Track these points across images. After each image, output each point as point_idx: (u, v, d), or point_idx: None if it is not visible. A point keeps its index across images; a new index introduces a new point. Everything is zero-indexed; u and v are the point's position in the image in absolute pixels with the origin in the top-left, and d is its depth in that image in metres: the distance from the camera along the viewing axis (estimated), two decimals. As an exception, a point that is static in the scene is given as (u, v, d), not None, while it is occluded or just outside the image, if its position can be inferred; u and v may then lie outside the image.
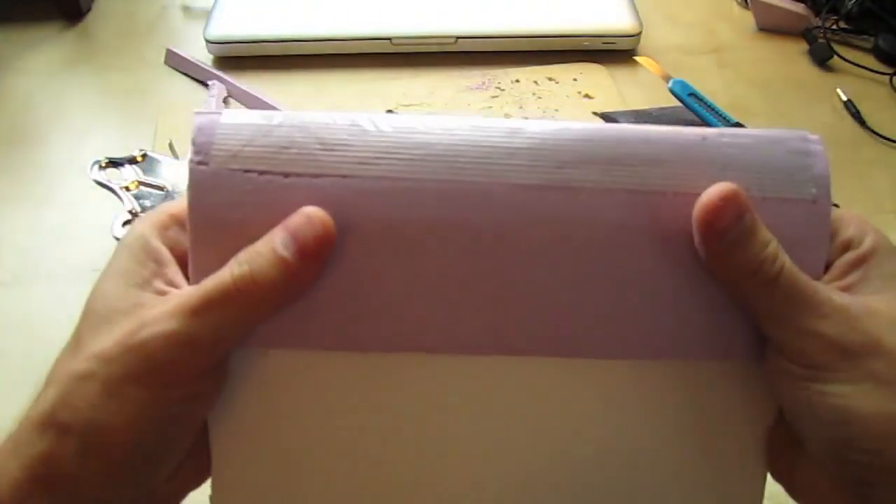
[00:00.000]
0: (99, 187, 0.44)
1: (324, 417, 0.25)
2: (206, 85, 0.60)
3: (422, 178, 0.23)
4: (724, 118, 0.47)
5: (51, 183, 0.53)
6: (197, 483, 0.27)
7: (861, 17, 0.67)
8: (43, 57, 0.65)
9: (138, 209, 0.43)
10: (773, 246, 0.23)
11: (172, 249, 0.25)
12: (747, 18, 0.70)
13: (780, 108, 0.59)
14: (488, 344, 0.24)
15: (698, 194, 0.23)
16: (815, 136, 0.25)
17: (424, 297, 0.24)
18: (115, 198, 0.44)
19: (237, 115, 0.24)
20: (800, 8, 0.67)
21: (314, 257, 0.23)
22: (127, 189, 0.44)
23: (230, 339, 0.23)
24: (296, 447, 0.25)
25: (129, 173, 0.45)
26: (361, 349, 0.24)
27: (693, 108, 0.48)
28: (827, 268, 0.25)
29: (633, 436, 0.26)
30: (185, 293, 0.23)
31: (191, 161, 0.23)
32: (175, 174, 0.47)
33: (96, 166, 0.45)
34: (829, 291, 0.23)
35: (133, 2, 0.72)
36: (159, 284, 0.24)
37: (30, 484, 0.22)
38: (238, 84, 0.59)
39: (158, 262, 0.24)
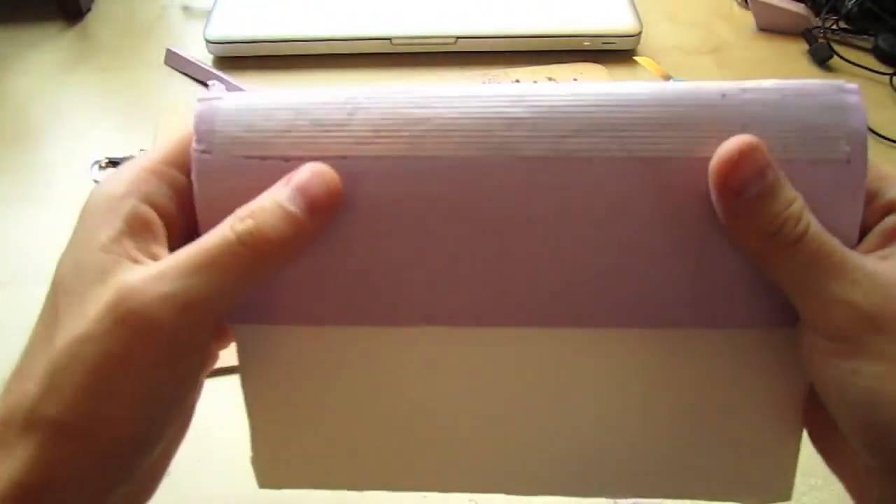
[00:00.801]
0: (99, 187, 0.44)
1: (341, 386, 0.26)
2: (206, 85, 0.60)
3: (421, 154, 0.23)
4: (724, 118, 0.47)
5: (51, 183, 0.53)
6: (177, 446, 0.25)
7: (861, 17, 0.66)
8: (43, 57, 0.65)
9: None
10: (798, 205, 0.21)
11: (155, 204, 0.22)
12: (747, 18, 0.70)
13: (780, 108, 0.59)
14: (497, 315, 0.24)
15: None
16: (852, 86, 0.22)
17: (431, 272, 0.24)
18: (115, 198, 0.44)
19: (237, 100, 0.24)
20: (800, 8, 0.67)
21: (323, 211, 0.22)
22: (127, 189, 0.44)
23: (233, 299, 0.21)
24: (320, 410, 0.26)
25: (129, 173, 0.45)
26: (369, 323, 0.24)
27: (693, 108, 0.48)
28: (865, 233, 0.22)
29: (655, 403, 0.25)
30: (177, 253, 0.21)
31: (194, 150, 0.23)
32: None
33: (96, 166, 0.45)
34: (861, 257, 0.21)
35: (133, 2, 0.72)
36: (135, 251, 0.21)
37: (14, 501, 0.19)
38: (238, 84, 0.59)
39: (135, 224, 0.22)
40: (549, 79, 0.61)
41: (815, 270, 0.21)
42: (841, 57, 0.63)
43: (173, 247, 0.22)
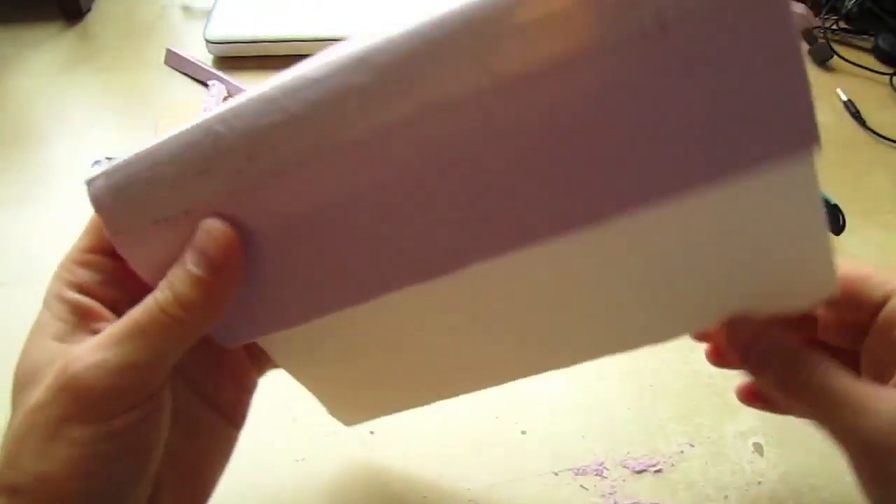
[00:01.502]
0: (99, 187, 0.44)
1: (366, 340, 0.28)
2: (206, 85, 0.60)
3: (309, 160, 0.22)
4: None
5: (51, 183, 0.53)
6: None
7: (861, 17, 0.66)
8: (43, 57, 0.65)
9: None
10: (791, 359, 0.24)
11: (89, 290, 0.25)
12: (747, 18, 0.70)
13: (780, 108, 0.59)
14: (509, 240, 0.23)
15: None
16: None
17: (387, 242, 0.23)
18: (115, 198, 0.44)
19: (119, 169, 0.24)
20: (800, 8, 0.67)
21: (225, 268, 0.23)
22: (127, 189, 0.44)
23: (166, 362, 0.23)
24: (356, 363, 0.29)
25: (129, 173, 0.45)
26: (358, 303, 0.25)
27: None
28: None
29: (684, 272, 0.25)
30: (113, 325, 0.23)
31: (109, 236, 0.24)
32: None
33: (96, 166, 0.45)
34: (866, 387, 0.23)
35: (133, 2, 0.72)
36: (82, 334, 0.24)
37: None
38: (238, 84, 0.59)
39: (77, 312, 0.24)
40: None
41: (823, 409, 0.23)
42: (841, 57, 0.63)
43: (123, 312, 0.24)
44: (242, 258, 0.23)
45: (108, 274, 0.25)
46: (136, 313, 0.23)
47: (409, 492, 0.36)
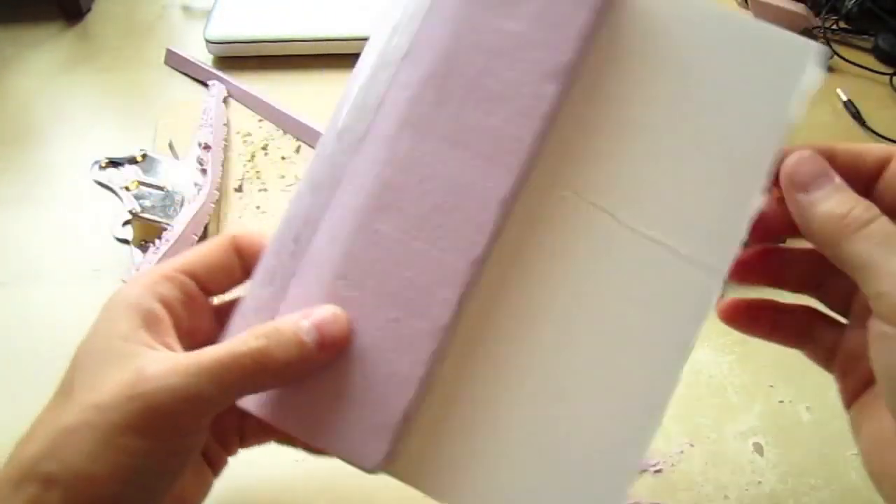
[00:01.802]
0: (99, 187, 0.44)
1: None
2: (206, 85, 0.60)
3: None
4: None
5: (51, 183, 0.53)
6: None
7: (861, 17, 0.66)
8: (43, 57, 0.65)
9: (138, 209, 0.43)
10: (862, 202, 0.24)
11: (167, 304, 0.26)
12: (747, 18, 0.70)
13: (780, 108, 0.59)
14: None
15: None
16: None
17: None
18: (115, 198, 0.44)
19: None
20: (800, 8, 0.67)
21: (331, 349, 0.25)
22: (127, 189, 0.44)
23: (231, 400, 0.25)
24: None
25: (129, 173, 0.45)
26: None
27: (693, 108, 0.48)
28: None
29: None
30: (194, 354, 0.24)
31: None
32: (175, 174, 0.47)
33: (96, 166, 0.45)
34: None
35: (133, 2, 0.72)
36: (148, 339, 0.25)
37: None
38: (238, 84, 0.59)
39: (149, 319, 0.25)
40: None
41: (886, 248, 0.23)
42: (841, 57, 0.63)
43: (179, 336, 0.26)
44: (343, 347, 0.25)
45: (188, 297, 0.27)
46: (223, 352, 0.24)
47: (409, 492, 0.36)
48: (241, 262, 0.28)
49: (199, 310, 0.28)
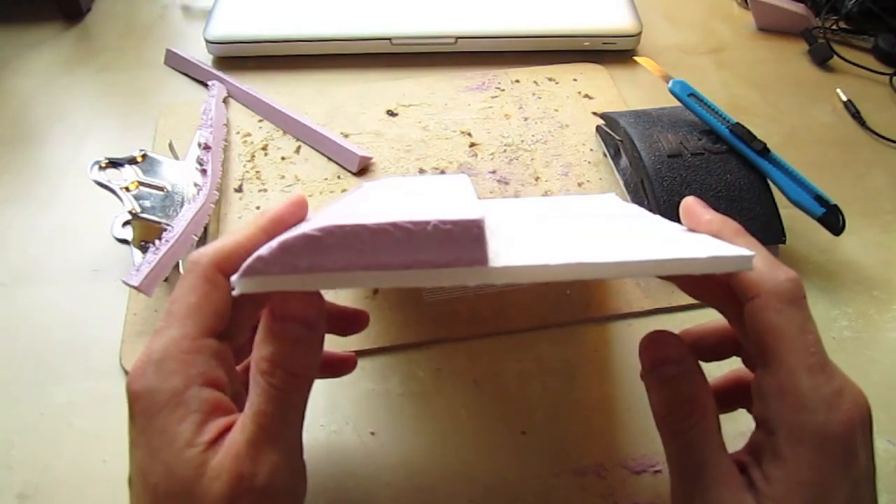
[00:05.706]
0: (99, 187, 0.44)
1: None
2: (206, 85, 0.60)
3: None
4: (724, 118, 0.47)
5: (51, 183, 0.53)
6: None
7: (861, 17, 0.67)
8: (43, 57, 0.65)
9: (138, 209, 0.43)
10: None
11: (214, 381, 0.24)
12: (747, 18, 0.70)
13: (780, 108, 0.59)
14: None
15: None
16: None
17: None
18: (115, 198, 0.44)
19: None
20: (800, 8, 0.67)
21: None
22: (127, 189, 0.44)
23: (302, 417, 0.25)
24: None
25: (129, 173, 0.45)
26: None
27: (693, 108, 0.48)
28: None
29: None
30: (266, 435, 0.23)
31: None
32: (175, 174, 0.47)
33: (96, 166, 0.45)
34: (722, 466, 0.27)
35: (133, 2, 0.72)
36: (208, 432, 0.23)
37: None
38: (238, 84, 0.59)
39: (206, 409, 0.24)
40: (549, 79, 0.61)
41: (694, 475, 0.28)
42: (841, 57, 0.63)
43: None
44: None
45: (221, 357, 0.25)
46: (264, 418, 0.24)
47: (409, 492, 0.36)
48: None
49: (226, 357, 0.25)
